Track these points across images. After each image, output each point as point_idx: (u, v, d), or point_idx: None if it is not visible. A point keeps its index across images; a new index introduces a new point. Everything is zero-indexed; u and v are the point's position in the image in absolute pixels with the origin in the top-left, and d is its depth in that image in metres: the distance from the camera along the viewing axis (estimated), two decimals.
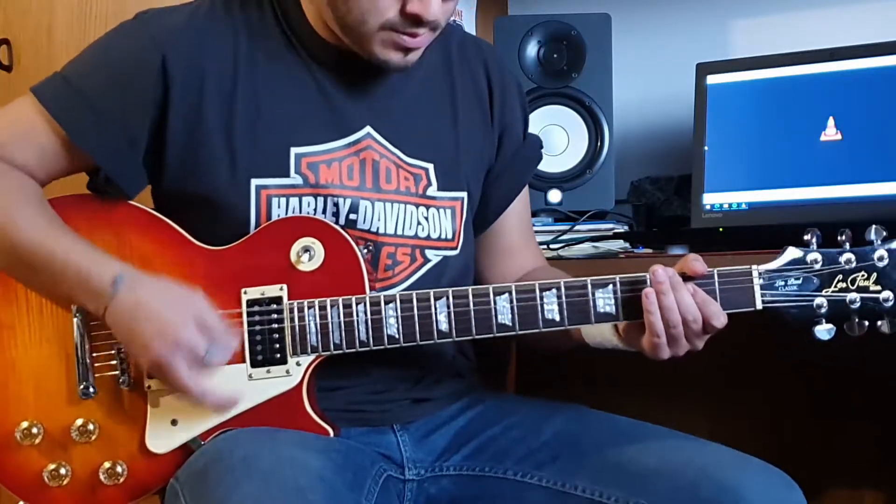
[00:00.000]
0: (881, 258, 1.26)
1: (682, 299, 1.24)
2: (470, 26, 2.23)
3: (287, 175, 1.34)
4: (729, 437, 1.36)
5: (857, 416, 2.09)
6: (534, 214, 1.98)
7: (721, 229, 1.82)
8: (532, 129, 1.98)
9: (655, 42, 2.27)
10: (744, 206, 1.86)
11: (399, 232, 1.39)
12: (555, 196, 2.00)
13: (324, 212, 1.35)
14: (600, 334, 1.35)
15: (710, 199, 1.88)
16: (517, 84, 1.58)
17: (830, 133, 1.82)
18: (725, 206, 1.88)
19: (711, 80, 1.93)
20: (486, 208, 1.52)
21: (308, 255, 1.31)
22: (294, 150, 1.35)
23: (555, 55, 2.01)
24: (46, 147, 1.34)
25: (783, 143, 1.86)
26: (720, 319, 1.25)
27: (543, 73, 2.02)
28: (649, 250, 1.84)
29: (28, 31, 1.92)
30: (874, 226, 1.26)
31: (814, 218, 1.69)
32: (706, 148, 1.91)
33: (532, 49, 2.02)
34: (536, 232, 1.91)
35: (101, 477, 1.31)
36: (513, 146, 1.53)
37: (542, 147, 1.63)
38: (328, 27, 1.37)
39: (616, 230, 1.91)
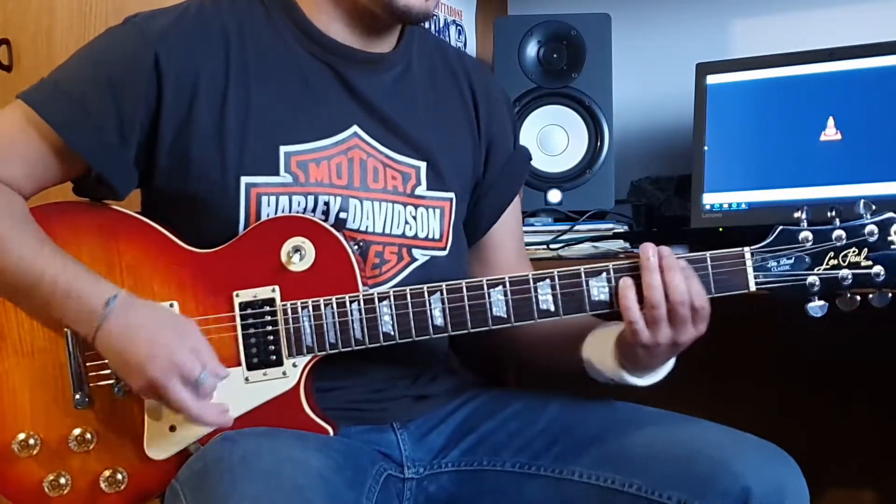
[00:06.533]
0: (871, 233, 1.25)
1: (670, 280, 1.24)
2: (470, 26, 2.23)
3: (277, 173, 1.34)
4: None
5: (857, 414, 2.10)
6: (534, 214, 1.99)
7: (721, 229, 1.82)
8: (532, 129, 2.01)
9: (655, 42, 2.27)
10: (744, 206, 1.86)
11: (387, 231, 1.39)
12: (555, 196, 2.00)
13: (314, 210, 1.35)
14: (606, 368, 1.34)
15: (710, 199, 1.88)
16: (505, 96, 1.59)
17: (830, 133, 1.82)
18: (725, 206, 1.88)
19: (711, 80, 1.93)
20: (479, 220, 1.53)
21: (299, 255, 1.31)
22: (283, 149, 1.34)
23: (555, 55, 2.01)
24: (35, 155, 1.33)
25: (783, 143, 1.86)
26: (699, 299, 1.25)
27: (543, 73, 2.02)
28: None
29: (28, 31, 1.92)
30: (863, 200, 1.26)
31: None
32: (706, 148, 1.91)
33: (532, 49, 2.02)
34: (536, 232, 1.92)
35: (102, 485, 1.31)
36: (502, 157, 1.54)
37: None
38: (328, 7, 1.38)
39: (616, 230, 1.91)
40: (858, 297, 1.26)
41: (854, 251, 1.26)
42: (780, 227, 1.28)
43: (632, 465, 1.29)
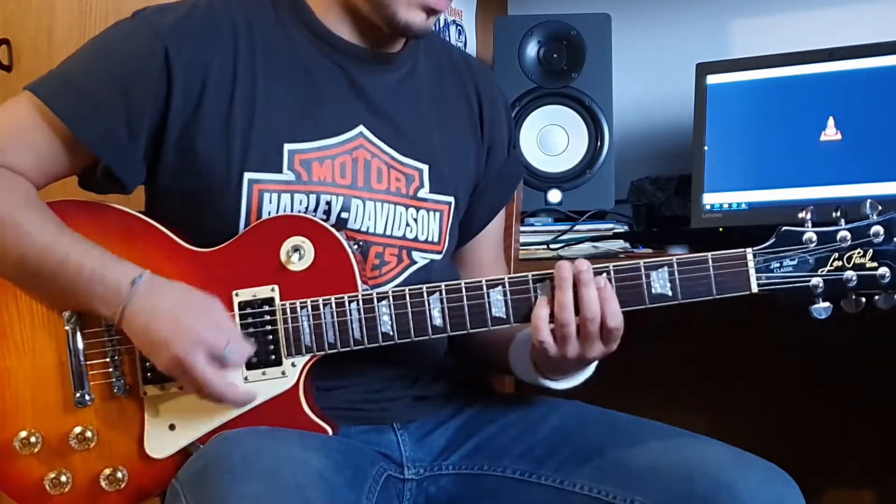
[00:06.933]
0: (877, 234, 1.23)
1: (583, 296, 1.24)
2: (470, 26, 2.23)
3: (280, 171, 1.34)
4: (727, 434, 1.36)
5: (857, 414, 2.10)
6: (533, 214, 1.99)
7: (721, 229, 1.82)
8: (532, 129, 2.01)
9: (655, 42, 2.27)
10: (744, 206, 1.87)
11: (388, 232, 1.39)
12: (555, 196, 2.00)
13: (315, 210, 1.35)
14: (525, 372, 1.37)
15: (710, 199, 1.89)
16: (505, 101, 1.59)
17: (830, 133, 1.82)
18: (725, 206, 1.88)
19: (711, 80, 1.93)
20: (472, 223, 1.53)
21: (298, 255, 1.30)
22: (287, 147, 1.34)
23: (555, 55, 2.02)
24: (44, 146, 1.33)
25: (783, 143, 1.86)
26: (613, 320, 1.24)
27: (543, 73, 2.02)
28: (649, 250, 1.84)
29: (28, 31, 1.92)
30: (869, 200, 1.24)
31: None
32: (706, 148, 1.91)
33: (532, 49, 2.02)
34: (536, 232, 1.92)
35: (102, 483, 1.31)
36: (499, 162, 1.54)
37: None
38: (336, 8, 1.38)
39: (616, 230, 1.92)
40: (864, 299, 1.24)
41: (859, 252, 1.24)
42: (784, 228, 1.26)
43: (632, 480, 1.28)
